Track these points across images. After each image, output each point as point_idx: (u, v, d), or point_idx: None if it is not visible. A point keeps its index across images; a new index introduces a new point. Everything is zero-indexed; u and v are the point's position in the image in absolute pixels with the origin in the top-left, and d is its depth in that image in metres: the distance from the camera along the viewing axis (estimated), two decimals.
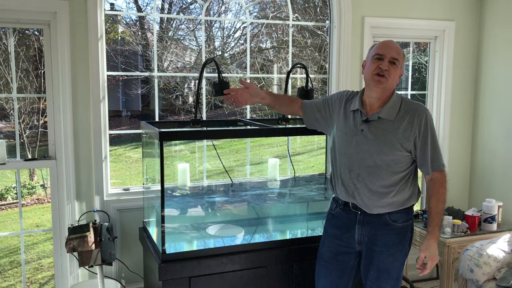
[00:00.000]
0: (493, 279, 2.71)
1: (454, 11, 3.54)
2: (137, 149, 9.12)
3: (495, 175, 3.51)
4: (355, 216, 2.08)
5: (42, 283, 4.63)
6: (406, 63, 3.25)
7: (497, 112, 3.48)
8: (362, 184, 2.02)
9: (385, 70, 1.95)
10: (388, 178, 1.99)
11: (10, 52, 3.08)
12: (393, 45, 2.01)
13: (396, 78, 2.01)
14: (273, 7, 9.02)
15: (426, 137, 1.97)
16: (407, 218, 2.08)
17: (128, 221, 2.93)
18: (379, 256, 2.05)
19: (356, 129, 2.04)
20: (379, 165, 1.99)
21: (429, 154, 1.98)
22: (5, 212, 6.84)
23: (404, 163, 2.00)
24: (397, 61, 1.97)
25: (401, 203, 2.03)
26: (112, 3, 9.12)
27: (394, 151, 1.96)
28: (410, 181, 2.05)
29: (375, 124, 2.01)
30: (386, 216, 2.03)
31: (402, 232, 2.06)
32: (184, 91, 10.17)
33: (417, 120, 1.96)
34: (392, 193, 2.00)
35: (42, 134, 7.70)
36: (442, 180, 2.01)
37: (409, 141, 1.96)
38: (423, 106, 2.02)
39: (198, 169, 6.22)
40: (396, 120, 1.98)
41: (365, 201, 2.03)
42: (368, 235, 2.06)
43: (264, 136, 2.46)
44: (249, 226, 2.82)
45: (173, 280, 2.21)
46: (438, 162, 2.00)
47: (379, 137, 1.99)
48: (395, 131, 1.97)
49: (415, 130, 1.96)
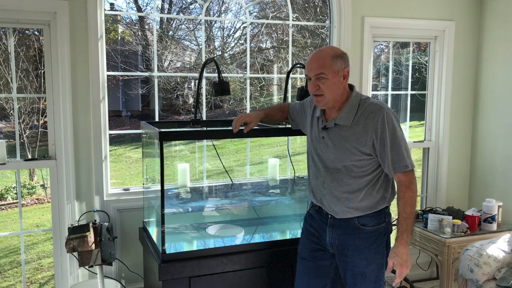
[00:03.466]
0: (493, 279, 2.71)
1: (454, 11, 3.54)
2: (137, 149, 9.12)
3: (495, 175, 3.51)
4: (326, 219, 2.07)
5: (42, 283, 4.63)
6: (406, 63, 3.24)
7: (497, 112, 3.48)
8: (328, 191, 2.02)
9: (316, 89, 1.91)
10: (352, 184, 1.97)
11: (10, 52, 3.07)
12: (315, 59, 1.92)
13: (333, 88, 1.91)
14: (273, 7, 9.02)
15: (384, 139, 1.89)
16: (379, 222, 2.01)
17: (128, 221, 2.93)
18: (352, 260, 2.01)
19: (319, 136, 2.04)
20: (341, 171, 1.97)
21: (389, 156, 1.90)
22: (5, 212, 6.84)
23: (367, 167, 1.95)
24: (323, 74, 1.88)
25: (370, 207, 1.99)
26: (112, 3, 9.11)
27: (353, 156, 1.93)
28: (379, 184, 1.99)
29: (333, 131, 1.98)
30: (355, 220, 1.99)
31: (373, 235, 2.00)
32: (184, 91, 10.16)
33: (372, 123, 1.90)
34: (358, 198, 1.97)
35: (42, 134, 7.70)
36: (408, 183, 1.92)
37: (366, 145, 1.91)
38: (380, 107, 1.92)
39: (198, 169, 6.22)
40: (353, 125, 1.94)
41: (332, 207, 2.02)
42: (338, 238, 2.04)
43: (264, 136, 2.46)
44: (249, 226, 2.82)
45: (173, 280, 2.21)
46: (401, 163, 1.90)
47: (338, 144, 1.96)
48: (352, 137, 1.93)
49: (371, 133, 1.90)
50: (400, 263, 1.90)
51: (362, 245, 2.00)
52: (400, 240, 1.92)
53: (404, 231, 1.91)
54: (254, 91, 9.05)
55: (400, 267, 1.91)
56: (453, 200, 3.69)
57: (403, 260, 1.90)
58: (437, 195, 3.68)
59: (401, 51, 6.60)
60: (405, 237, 1.91)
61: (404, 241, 1.91)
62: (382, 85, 5.64)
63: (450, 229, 3.03)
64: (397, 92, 3.89)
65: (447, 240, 2.96)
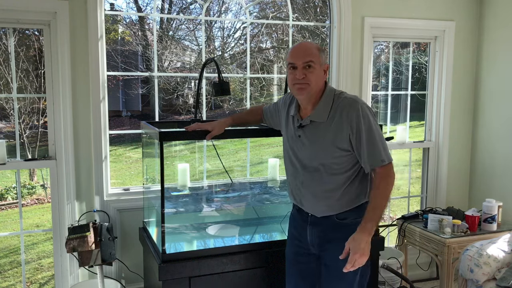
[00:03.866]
0: (493, 279, 2.71)
1: (454, 11, 3.54)
2: (137, 149, 9.11)
3: (495, 175, 3.51)
4: (306, 217, 2.05)
5: (42, 283, 4.63)
6: (406, 63, 3.24)
7: (497, 112, 3.48)
8: (307, 190, 1.99)
9: (302, 78, 1.87)
10: (331, 182, 1.93)
11: (10, 52, 3.07)
12: (303, 48, 1.90)
13: (318, 79, 1.90)
14: (273, 7, 9.03)
15: (360, 133, 1.85)
16: (359, 215, 1.92)
17: (128, 221, 2.93)
18: (332, 254, 1.94)
19: (295, 135, 2.01)
20: (319, 169, 1.93)
21: (365, 150, 1.86)
22: (5, 212, 6.84)
23: (345, 163, 1.92)
24: (312, 62, 1.87)
25: (349, 203, 1.96)
26: (112, 3, 9.11)
27: (332, 153, 1.90)
28: (358, 180, 1.96)
29: (309, 128, 1.95)
30: (334, 217, 1.97)
31: (353, 229, 1.88)
32: (184, 91, 10.16)
33: (348, 117, 1.86)
34: (337, 195, 1.94)
35: (42, 134, 7.69)
36: (384, 174, 1.86)
37: (343, 141, 1.87)
38: (354, 101, 1.90)
39: (198, 169, 6.22)
40: (328, 120, 1.90)
41: (311, 206, 2.00)
42: (318, 236, 2.01)
43: (264, 136, 2.46)
44: (249, 226, 2.82)
45: (173, 280, 2.21)
46: (377, 157, 1.85)
47: (314, 141, 1.93)
48: (328, 133, 1.90)
49: (347, 127, 1.86)
50: (355, 248, 1.80)
51: (342, 237, 1.91)
52: (362, 228, 1.83)
53: (369, 221, 1.83)
54: (254, 91, 9.05)
55: (354, 253, 1.80)
56: (453, 200, 3.69)
57: (360, 247, 1.80)
58: (437, 195, 3.68)
59: (401, 51, 6.60)
60: (369, 226, 1.82)
61: (366, 230, 1.82)
62: (382, 85, 5.65)
63: (450, 229, 3.03)
64: (397, 92, 3.89)
65: (447, 240, 2.96)
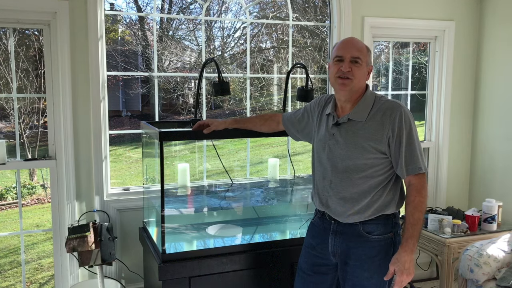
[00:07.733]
0: (493, 279, 2.71)
1: (454, 11, 3.54)
2: (137, 149, 9.11)
3: (495, 175, 3.51)
4: (329, 225, 1.95)
5: (42, 283, 4.63)
6: (406, 63, 3.24)
7: (497, 112, 3.48)
8: (335, 191, 1.90)
9: (347, 71, 1.83)
10: (362, 184, 1.85)
11: (10, 52, 3.07)
12: (353, 42, 1.87)
13: (362, 77, 1.86)
14: (273, 7, 9.02)
15: (401, 137, 1.80)
16: (385, 230, 1.88)
17: (128, 221, 2.93)
18: (353, 270, 1.89)
19: (328, 133, 1.94)
20: (351, 170, 1.85)
21: (403, 156, 1.81)
22: (5, 212, 6.84)
23: (380, 167, 1.85)
24: (359, 59, 1.83)
25: (377, 211, 1.86)
26: (112, 3, 9.11)
27: (366, 154, 1.83)
28: (390, 187, 1.88)
29: (345, 127, 1.88)
30: (360, 227, 1.87)
31: (378, 245, 1.86)
32: (184, 91, 10.16)
33: (390, 119, 1.81)
34: (366, 200, 1.85)
35: (42, 134, 7.70)
36: (419, 186, 1.83)
37: (382, 143, 1.82)
38: (398, 104, 1.85)
39: (198, 169, 6.22)
40: (368, 120, 1.85)
41: (338, 209, 1.90)
42: (341, 246, 1.92)
43: (264, 136, 2.46)
44: (249, 226, 2.82)
45: (173, 280, 2.21)
46: (415, 165, 1.81)
47: (350, 140, 1.86)
48: (366, 133, 1.84)
49: (387, 130, 1.81)
50: (401, 270, 1.76)
51: (366, 255, 1.87)
52: (404, 246, 1.78)
53: (410, 237, 1.78)
54: (254, 91, 9.06)
55: (401, 274, 1.77)
56: (453, 200, 3.69)
57: (404, 267, 1.76)
58: (437, 195, 3.68)
59: (401, 51, 6.60)
60: (411, 243, 1.77)
61: (408, 248, 1.77)
62: (382, 85, 5.65)
63: (450, 229, 3.04)
64: (397, 92, 3.89)
65: (447, 240, 2.96)
